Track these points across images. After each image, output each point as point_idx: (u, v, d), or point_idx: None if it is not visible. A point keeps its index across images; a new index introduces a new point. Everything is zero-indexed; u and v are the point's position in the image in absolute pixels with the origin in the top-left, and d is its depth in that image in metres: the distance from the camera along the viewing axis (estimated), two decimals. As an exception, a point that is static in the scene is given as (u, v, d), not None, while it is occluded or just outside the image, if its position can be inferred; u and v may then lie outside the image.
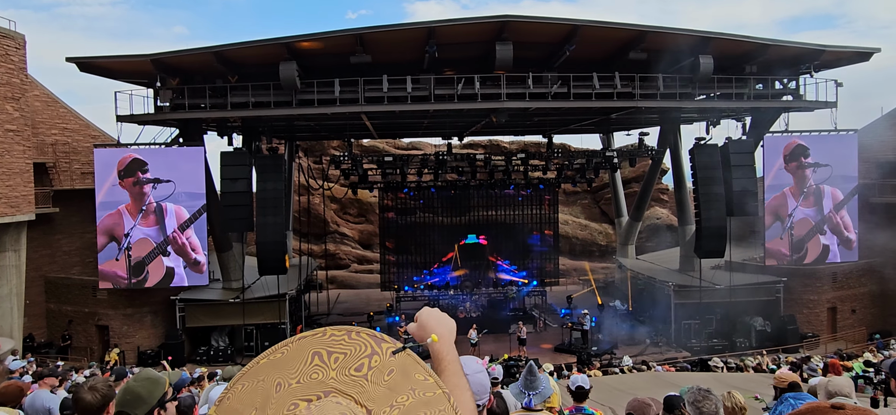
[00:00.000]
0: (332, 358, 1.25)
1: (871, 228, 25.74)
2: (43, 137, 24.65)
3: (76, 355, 22.69)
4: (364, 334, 1.31)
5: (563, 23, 20.07)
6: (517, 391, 3.64)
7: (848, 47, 23.05)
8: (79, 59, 20.59)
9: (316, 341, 1.29)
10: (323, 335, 1.30)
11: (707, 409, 3.81)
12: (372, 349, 1.29)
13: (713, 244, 23.39)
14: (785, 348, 22.50)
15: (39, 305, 24.50)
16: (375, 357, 1.28)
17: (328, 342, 1.28)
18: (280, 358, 1.27)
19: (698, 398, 3.86)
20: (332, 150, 37.30)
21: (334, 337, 1.29)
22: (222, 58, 20.32)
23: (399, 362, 1.29)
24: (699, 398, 3.86)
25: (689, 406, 3.89)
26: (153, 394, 2.80)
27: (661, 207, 40.20)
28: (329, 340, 1.29)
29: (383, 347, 1.30)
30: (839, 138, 24.25)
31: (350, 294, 36.28)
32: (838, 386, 4.20)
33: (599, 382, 10.80)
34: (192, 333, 23.84)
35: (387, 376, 1.25)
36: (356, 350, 1.28)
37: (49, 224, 24.65)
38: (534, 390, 3.55)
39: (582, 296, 31.19)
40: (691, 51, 21.16)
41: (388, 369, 1.27)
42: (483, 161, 27.77)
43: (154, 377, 2.91)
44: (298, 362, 1.25)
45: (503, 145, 39.83)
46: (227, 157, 22.34)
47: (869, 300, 26.14)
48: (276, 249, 22.63)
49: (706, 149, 23.78)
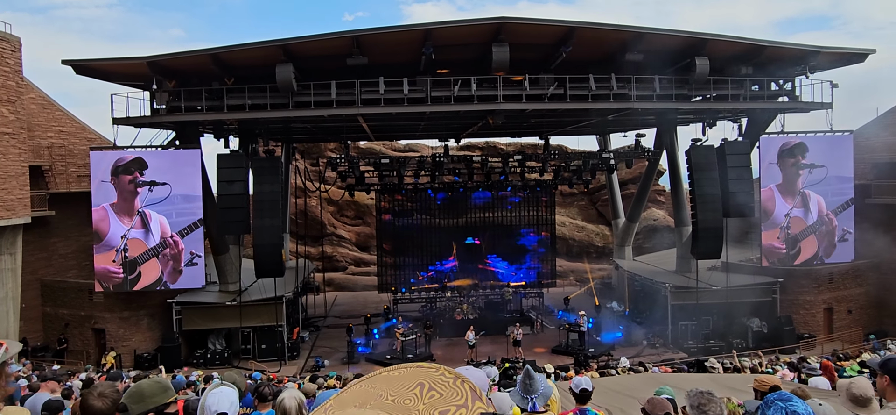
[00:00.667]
0: (428, 393, 1.33)
1: (867, 228, 25.83)
2: (39, 140, 24.60)
3: (72, 359, 22.62)
4: (468, 385, 1.39)
5: (560, 24, 20.09)
6: (519, 398, 3.64)
7: (843, 48, 23.14)
8: (75, 61, 20.54)
9: (426, 373, 1.40)
10: (435, 371, 1.41)
11: (712, 411, 3.78)
12: (465, 402, 1.35)
13: (710, 245, 23.44)
14: (782, 349, 22.55)
15: (35, 308, 24.42)
16: (462, 411, 1.33)
17: (435, 378, 1.38)
18: (395, 376, 1.40)
19: (702, 402, 3.84)
20: (328, 152, 37.29)
21: (443, 377, 1.39)
22: (219, 60, 20.29)
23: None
24: (703, 402, 3.84)
25: (692, 410, 3.87)
26: (155, 397, 2.84)
27: (658, 208, 40.28)
28: (437, 376, 1.39)
29: (475, 405, 1.35)
30: (835, 139, 24.34)
31: (347, 296, 36.24)
32: (862, 388, 4.10)
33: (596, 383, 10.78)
34: (188, 336, 23.79)
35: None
36: (452, 395, 1.35)
37: (45, 227, 24.58)
38: (534, 393, 3.56)
39: (579, 297, 31.23)
40: (687, 52, 21.23)
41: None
42: (480, 163, 27.78)
43: (164, 384, 2.94)
44: (405, 384, 1.35)
45: (500, 147, 39.87)
46: (223, 159, 22.30)
47: (865, 301, 26.23)
48: (273, 251, 22.60)
49: (702, 150, 23.84)
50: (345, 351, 23.91)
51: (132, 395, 2.88)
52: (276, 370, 21.81)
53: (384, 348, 24.51)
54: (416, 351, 23.30)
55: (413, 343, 23.48)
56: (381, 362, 22.75)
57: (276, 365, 22.84)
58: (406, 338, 23.34)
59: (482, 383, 2.54)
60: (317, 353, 24.86)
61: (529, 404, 3.56)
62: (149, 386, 2.93)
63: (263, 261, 22.51)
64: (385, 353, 23.86)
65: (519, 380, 3.71)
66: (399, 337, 23.25)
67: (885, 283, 26.35)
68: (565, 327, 24.58)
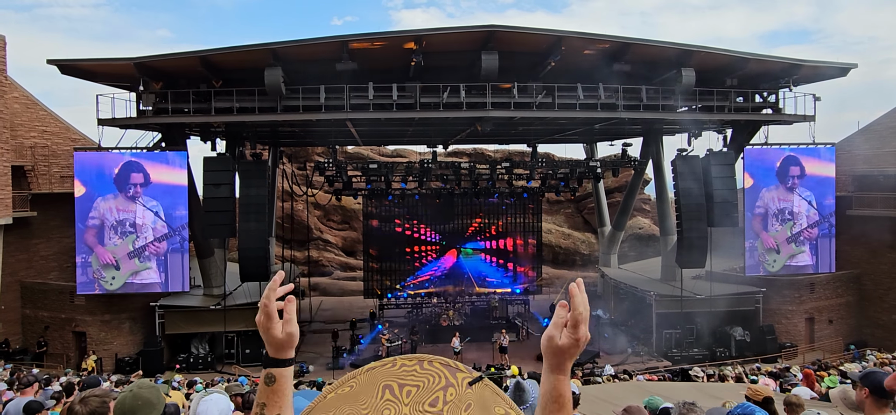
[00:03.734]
0: (404, 391, 1.19)
1: (847, 239, 26.24)
2: (21, 140, 24.25)
3: (52, 362, 22.27)
4: (437, 364, 1.25)
5: (548, 34, 20.24)
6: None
7: (826, 62, 23.55)
8: (60, 61, 20.32)
9: (386, 372, 1.23)
10: (393, 366, 1.24)
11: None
12: (447, 380, 1.21)
13: (694, 254, 23.66)
14: (764, 358, 22.78)
15: (15, 310, 24.02)
16: (451, 389, 1.20)
17: (399, 374, 1.22)
18: (349, 392, 1.22)
19: (683, 411, 3.90)
20: (316, 156, 37.14)
21: (405, 368, 1.23)
22: (207, 62, 20.19)
23: (476, 394, 1.20)
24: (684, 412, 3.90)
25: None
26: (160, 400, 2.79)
27: (644, 216, 40.59)
28: (400, 371, 1.23)
29: (459, 377, 1.23)
30: (817, 151, 24.72)
31: (333, 301, 36.06)
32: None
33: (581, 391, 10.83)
34: (171, 340, 23.52)
35: (465, 411, 1.17)
36: (430, 382, 1.21)
37: (26, 228, 24.21)
38: (524, 404, 3.58)
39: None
40: (674, 63, 21.48)
41: (466, 402, 1.18)
42: (467, 169, 27.83)
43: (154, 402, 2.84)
44: (369, 396, 1.19)
45: (488, 154, 39.97)
46: (210, 162, 22.15)
47: (845, 311, 26.58)
48: (259, 255, 22.46)
49: (688, 160, 24.09)
50: (330, 357, 23.78)
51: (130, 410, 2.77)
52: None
53: (369, 355, 24.40)
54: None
55: (398, 349, 23.41)
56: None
57: (260, 370, 22.60)
58: (391, 344, 23.28)
59: None
60: (301, 358, 24.68)
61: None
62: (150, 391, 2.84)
63: (248, 265, 22.35)
64: (370, 359, 23.75)
65: (509, 392, 3.72)
66: (384, 343, 23.19)
67: (865, 293, 26.75)
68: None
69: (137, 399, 2.78)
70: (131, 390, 2.85)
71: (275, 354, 1.58)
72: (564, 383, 1.35)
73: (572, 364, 1.39)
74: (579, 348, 1.34)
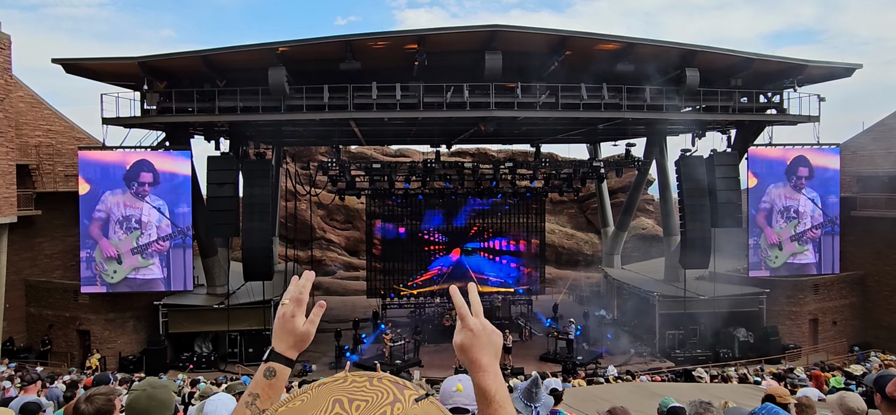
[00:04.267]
0: (353, 405, 1.21)
1: (852, 241, 26.15)
2: (26, 139, 24.35)
3: (56, 361, 22.34)
4: (386, 381, 1.28)
5: (552, 33, 20.23)
6: (523, 405, 3.64)
7: (831, 63, 23.47)
8: (65, 60, 20.38)
9: (336, 387, 1.25)
10: (343, 382, 1.27)
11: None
12: (394, 396, 1.24)
13: (697, 255, 23.62)
14: (767, 359, 22.73)
15: (20, 309, 24.11)
16: (398, 405, 1.23)
17: (349, 389, 1.25)
18: (299, 406, 1.24)
19: (700, 411, 3.90)
20: (319, 155, 37.19)
21: (355, 383, 1.26)
22: (210, 62, 20.22)
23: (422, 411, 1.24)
24: (700, 411, 3.90)
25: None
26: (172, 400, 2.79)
27: (647, 217, 40.52)
28: (350, 386, 1.26)
29: (406, 394, 1.26)
30: (821, 152, 24.65)
31: (336, 301, 36.07)
32: (856, 402, 4.18)
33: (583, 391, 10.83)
34: (174, 339, 23.56)
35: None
36: (378, 397, 1.24)
37: (31, 227, 24.30)
38: (538, 402, 3.57)
39: (567, 305, 31.31)
40: (678, 63, 21.44)
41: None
42: (471, 169, 27.83)
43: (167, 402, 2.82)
44: (318, 410, 1.21)
45: (491, 154, 39.96)
46: (213, 161, 22.20)
47: (849, 312, 26.50)
48: (262, 254, 22.50)
49: (691, 160, 24.04)
50: (332, 356, 23.81)
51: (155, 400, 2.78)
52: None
53: (372, 354, 24.41)
54: (404, 357, 23.24)
55: (401, 349, 23.43)
56: (369, 367, 22.66)
57: (263, 369, 22.65)
58: (394, 343, 23.29)
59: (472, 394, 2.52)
60: (304, 357, 24.70)
61: (533, 412, 3.55)
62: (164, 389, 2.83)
63: (252, 264, 22.40)
64: (373, 358, 23.76)
65: (523, 386, 3.71)
66: (387, 343, 23.20)
67: (870, 295, 26.67)
68: (553, 334, 24.63)
69: (152, 400, 2.77)
70: (144, 390, 2.83)
71: (285, 350, 1.60)
72: (487, 378, 1.42)
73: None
74: (478, 339, 1.47)
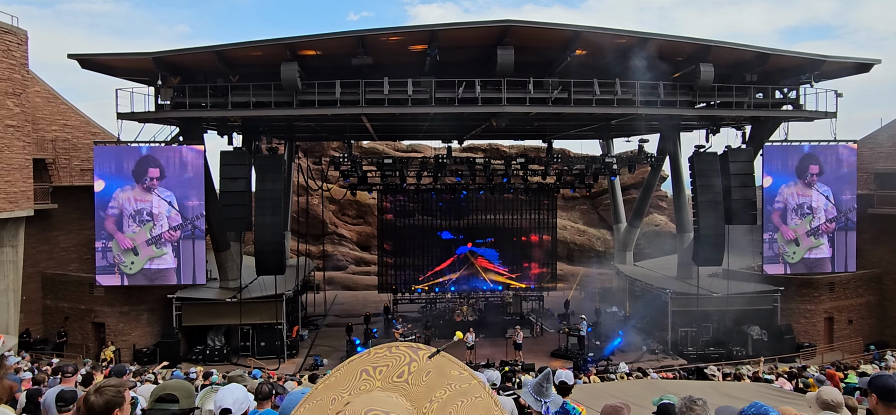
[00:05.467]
0: (377, 371, 1.41)
1: (869, 238, 25.80)
2: (43, 133, 24.65)
3: (71, 353, 22.65)
4: (403, 347, 1.48)
5: (565, 28, 20.08)
6: (533, 399, 3.65)
7: (848, 58, 23.11)
8: (80, 55, 20.58)
9: (362, 360, 1.46)
10: (368, 355, 1.47)
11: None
12: (410, 357, 1.45)
13: (711, 252, 23.41)
14: (781, 358, 22.51)
15: (36, 301, 24.46)
16: (414, 363, 1.44)
17: (373, 359, 1.45)
18: (333, 380, 1.44)
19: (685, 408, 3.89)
20: (331, 151, 37.31)
21: (378, 354, 1.46)
22: (224, 57, 20.32)
23: (435, 364, 1.45)
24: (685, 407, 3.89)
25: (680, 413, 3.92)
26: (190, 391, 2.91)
27: (660, 214, 40.24)
28: (373, 357, 1.45)
29: (420, 353, 1.47)
30: (838, 149, 24.31)
31: (347, 296, 36.25)
32: (832, 394, 4.22)
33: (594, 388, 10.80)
34: (188, 332, 23.79)
35: (425, 377, 1.41)
36: (397, 361, 1.44)
37: (47, 220, 24.62)
38: (548, 398, 3.58)
39: (579, 301, 31.20)
40: (692, 59, 21.22)
41: (426, 371, 1.43)
42: (482, 165, 27.79)
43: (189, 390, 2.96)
44: (349, 380, 1.41)
45: (503, 149, 39.85)
46: (226, 156, 22.34)
47: (866, 311, 26.16)
48: (274, 248, 22.62)
49: (705, 157, 23.82)
50: (344, 350, 23.91)
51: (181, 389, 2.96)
52: (275, 368, 21.82)
53: (383, 349, 24.49)
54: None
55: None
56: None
57: (275, 363, 22.85)
58: (405, 338, 23.35)
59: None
60: (316, 351, 24.87)
61: (543, 407, 3.56)
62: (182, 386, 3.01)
63: (264, 258, 22.54)
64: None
65: (534, 381, 3.71)
66: (398, 337, 23.27)
67: (887, 293, 26.31)
68: (565, 331, 24.57)
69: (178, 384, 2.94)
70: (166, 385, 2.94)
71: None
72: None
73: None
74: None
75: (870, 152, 26.84)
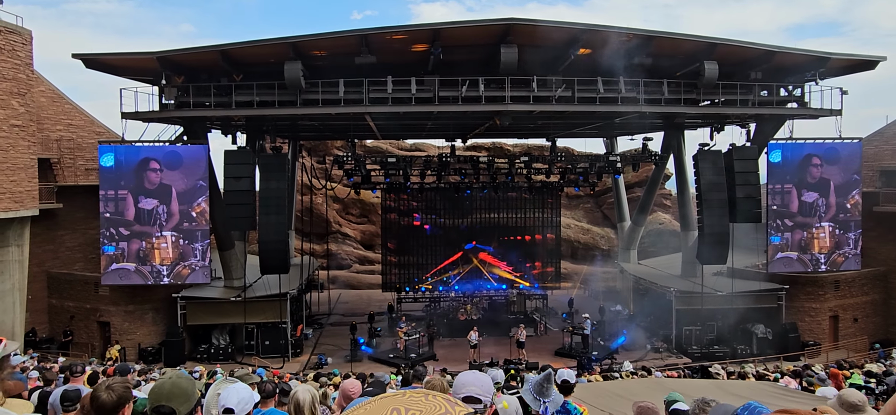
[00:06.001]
0: (408, 414, 1.37)
1: (874, 236, 25.68)
2: (48, 133, 24.74)
3: (77, 351, 22.75)
4: (440, 398, 1.43)
5: (569, 27, 20.04)
6: (531, 398, 3.64)
7: (853, 55, 22.99)
8: (84, 55, 20.65)
9: (396, 400, 1.42)
10: (403, 395, 1.43)
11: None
12: (445, 410, 1.40)
13: (716, 250, 23.33)
14: (786, 356, 22.44)
15: (42, 300, 24.57)
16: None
17: (406, 401, 1.41)
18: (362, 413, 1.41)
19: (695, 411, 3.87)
20: (335, 149, 37.34)
21: (412, 398, 1.42)
22: (227, 57, 20.36)
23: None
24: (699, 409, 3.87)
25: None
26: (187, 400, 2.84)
27: (664, 212, 40.14)
28: (407, 399, 1.42)
29: (456, 410, 1.42)
30: (843, 146, 24.19)
31: (351, 294, 36.29)
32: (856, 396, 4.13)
33: (598, 386, 10.78)
34: (192, 330, 23.88)
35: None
36: (431, 409, 1.39)
37: (52, 219, 24.71)
38: (548, 398, 3.58)
39: (583, 300, 31.15)
40: (697, 56, 21.15)
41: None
42: (486, 163, 27.76)
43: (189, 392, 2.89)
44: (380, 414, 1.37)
45: (506, 148, 39.82)
46: (230, 155, 22.39)
47: (871, 309, 26.05)
48: (279, 247, 22.65)
49: (710, 155, 23.74)
50: (348, 349, 23.94)
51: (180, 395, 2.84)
52: (280, 367, 21.87)
53: (387, 347, 24.53)
54: (419, 351, 23.30)
55: (416, 343, 23.49)
56: (384, 361, 22.78)
57: (279, 362, 22.90)
58: (409, 338, 23.35)
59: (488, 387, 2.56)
60: (320, 350, 24.91)
61: (541, 407, 3.56)
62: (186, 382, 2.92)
63: (268, 257, 22.57)
64: (388, 352, 23.88)
65: (535, 380, 3.71)
66: (402, 336, 23.26)
67: (892, 291, 26.19)
68: (569, 329, 24.54)
69: (176, 387, 2.86)
70: (170, 378, 2.94)
71: None
72: None
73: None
74: None
75: (875, 150, 26.72)
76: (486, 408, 2.48)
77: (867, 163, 25.33)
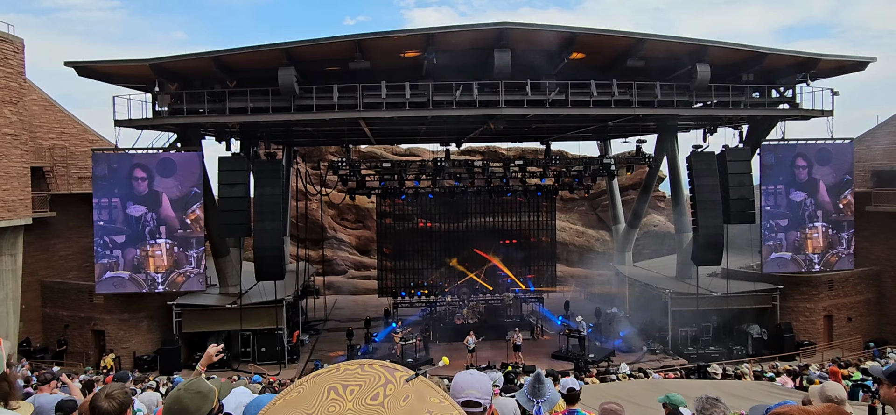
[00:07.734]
0: (347, 391, 1.29)
1: (867, 236, 25.84)
2: (40, 142, 24.63)
3: (72, 360, 22.59)
4: (376, 366, 1.37)
5: (562, 30, 20.13)
6: (526, 399, 3.67)
7: (844, 57, 23.19)
8: (77, 63, 20.58)
9: (330, 377, 1.34)
10: (336, 371, 1.35)
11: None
12: (386, 379, 1.33)
13: (710, 252, 23.44)
14: (781, 356, 22.53)
15: (36, 309, 24.40)
16: (390, 386, 1.32)
17: (342, 377, 1.33)
18: (296, 397, 1.31)
19: (705, 406, 3.88)
20: (329, 155, 37.29)
21: (348, 371, 1.35)
22: (221, 63, 20.34)
23: (414, 388, 1.33)
24: (706, 406, 3.88)
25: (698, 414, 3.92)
26: (201, 409, 2.63)
27: (659, 214, 40.27)
28: (343, 374, 1.34)
29: (397, 375, 1.35)
30: (835, 147, 24.35)
31: (347, 300, 36.22)
32: (836, 390, 4.22)
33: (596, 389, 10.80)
34: (188, 338, 23.74)
35: (403, 402, 1.28)
36: (371, 381, 1.31)
37: (46, 228, 24.58)
38: (541, 398, 3.59)
39: (578, 302, 31.17)
40: (689, 59, 21.27)
41: (404, 395, 1.30)
42: (481, 167, 27.80)
43: (204, 390, 2.69)
44: (315, 398, 1.28)
45: (501, 152, 39.89)
46: (225, 162, 22.32)
47: (865, 308, 26.20)
48: (274, 254, 22.60)
49: (703, 156, 23.86)
50: (345, 355, 23.89)
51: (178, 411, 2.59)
52: (276, 373, 21.82)
53: (383, 352, 24.48)
54: (416, 355, 23.28)
55: (412, 347, 23.46)
56: (380, 366, 22.71)
57: (275, 368, 22.84)
58: (405, 342, 23.33)
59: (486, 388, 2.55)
60: (317, 356, 24.85)
61: (535, 407, 3.58)
62: (192, 399, 2.61)
63: (264, 264, 22.51)
64: (384, 357, 23.84)
65: (528, 382, 3.73)
66: (398, 341, 23.24)
67: (885, 291, 26.35)
68: (565, 332, 24.56)
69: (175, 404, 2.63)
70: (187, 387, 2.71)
71: None
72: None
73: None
74: None
75: (867, 150, 26.91)
76: (485, 410, 2.48)
77: (859, 163, 25.50)
